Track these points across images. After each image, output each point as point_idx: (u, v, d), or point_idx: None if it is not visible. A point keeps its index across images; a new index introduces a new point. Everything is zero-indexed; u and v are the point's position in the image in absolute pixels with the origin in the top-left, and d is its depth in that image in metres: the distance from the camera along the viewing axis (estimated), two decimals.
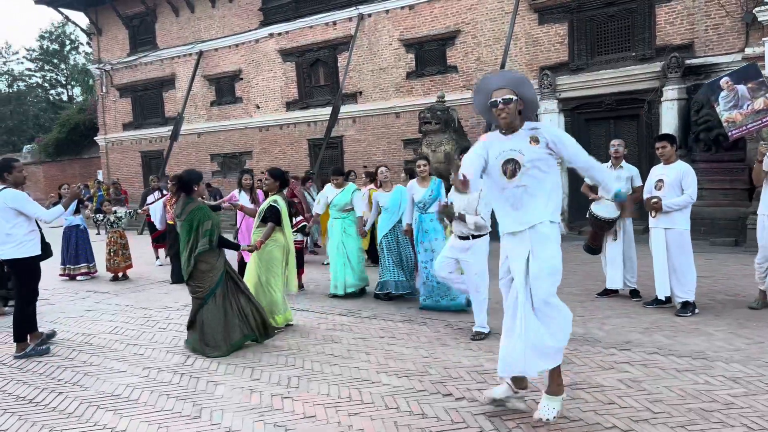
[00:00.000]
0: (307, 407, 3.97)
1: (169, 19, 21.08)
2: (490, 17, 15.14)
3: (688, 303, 5.91)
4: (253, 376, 4.65)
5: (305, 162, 18.61)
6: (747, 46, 11.96)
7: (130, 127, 22.85)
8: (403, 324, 6.05)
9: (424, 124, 13.57)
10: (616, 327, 5.58)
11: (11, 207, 5.34)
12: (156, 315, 7.03)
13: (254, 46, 19.31)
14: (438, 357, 4.90)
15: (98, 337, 6.14)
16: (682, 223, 5.91)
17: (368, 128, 17.45)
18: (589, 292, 7.11)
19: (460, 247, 5.41)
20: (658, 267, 6.03)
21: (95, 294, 8.62)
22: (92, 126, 25.65)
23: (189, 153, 21.30)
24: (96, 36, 23.17)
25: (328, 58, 18.04)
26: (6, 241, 5.37)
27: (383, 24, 16.80)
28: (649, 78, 12.93)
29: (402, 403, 3.96)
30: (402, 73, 16.67)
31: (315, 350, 5.28)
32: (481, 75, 15.17)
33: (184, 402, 4.18)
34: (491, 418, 3.65)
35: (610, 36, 13.70)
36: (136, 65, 22.12)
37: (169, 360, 5.20)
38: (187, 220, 5.34)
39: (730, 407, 3.64)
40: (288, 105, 18.93)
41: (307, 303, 7.27)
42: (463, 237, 5.39)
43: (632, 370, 4.37)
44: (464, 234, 5.36)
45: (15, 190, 5.43)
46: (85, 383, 4.69)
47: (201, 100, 20.79)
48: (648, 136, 12.98)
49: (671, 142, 6.06)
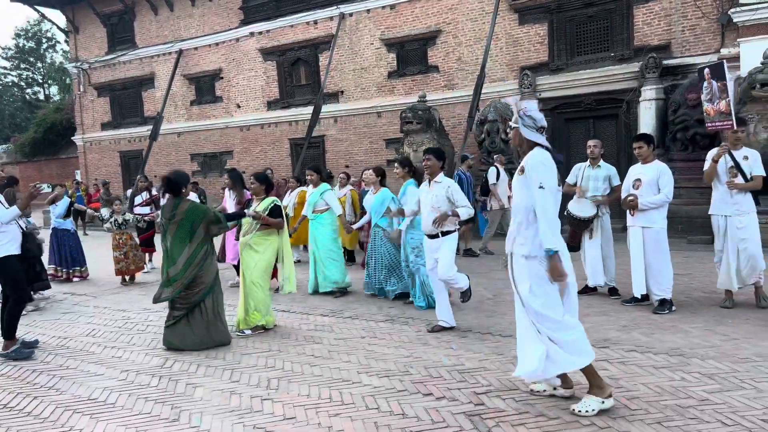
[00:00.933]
0: (288, 408, 3.95)
1: (148, 17, 20.85)
2: (470, 17, 15.20)
3: (665, 300, 5.99)
4: (232, 378, 4.62)
5: (287, 162, 18.54)
6: (723, 47, 12.16)
7: (108, 127, 22.56)
8: (384, 324, 6.05)
9: (406, 123, 13.60)
10: (594, 325, 5.63)
11: None
12: (135, 317, 6.95)
13: (234, 45, 19.18)
14: (419, 356, 4.91)
15: (75, 340, 6.05)
16: (658, 222, 5.99)
17: (350, 128, 17.42)
18: None
19: (433, 247, 5.55)
20: (636, 265, 6.11)
21: (72, 296, 8.49)
22: (69, 125, 25.32)
23: (169, 153, 21.09)
24: (73, 34, 22.85)
25: (309, 58, 17.98)
26: None
27: (364, 23, 16.78)
28: (627, 78, 13.09)
29: (383, 403, 3.96)
30: (383, 72, 16.67)
31: (295, 351, 5.25)
32: (462, 75, 15.27)
33: (163, 405, 4.14)
34: (471, 417, 3.66)
35: (589, 36, 13.84)
36: (114, 64, 21.84)
37: (148, 362, 5.14)
38: (186, 219, 5.30)
39: (705, 403, 3.70)
40: (269, 104, 18.83)
41: (288, 303, 7.24)
42: (432, 236, 5.53)
43: (611, 368, 4.42)
44: (433, 233, 5.49)
45: None
46: (61, 387, 4.62)
47: (181, 99, 20.60)
48: (627, 136, 13.14)
49: (648, 142, 6.14)
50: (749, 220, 5.94)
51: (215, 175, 19.73)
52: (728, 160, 5.97)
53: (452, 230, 5.53)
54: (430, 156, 5.58)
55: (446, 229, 5.47)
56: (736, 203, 5.95)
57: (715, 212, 6.13)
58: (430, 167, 5.57)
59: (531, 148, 3.80)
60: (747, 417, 3.47)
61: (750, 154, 6.00)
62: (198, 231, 5.36)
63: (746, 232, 5.91)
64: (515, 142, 3.99)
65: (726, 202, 6.01)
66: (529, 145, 3.81)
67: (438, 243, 5.49)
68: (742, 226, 5.92)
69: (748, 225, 5.93)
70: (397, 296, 7.10)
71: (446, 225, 5.43)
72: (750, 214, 5.95)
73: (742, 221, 5.92)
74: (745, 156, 5.99)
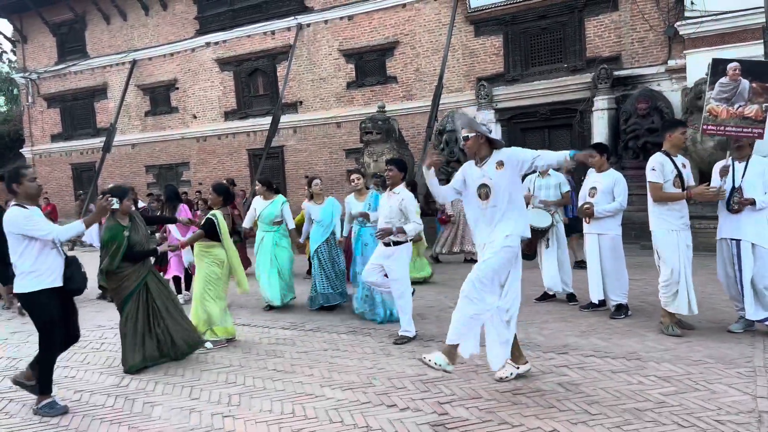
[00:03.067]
0: (250, 425, 3.88)
1: (100, 26, 20.39)
2: (427, 29, 15.38)
3: (622, 306, 6.14)
4: (192, 395, 4.51)
5: (245, 172, 18.33)
6: (670, 59, 12.61)
7: (59, 139, 21.91)
8: (347, 336, 6.02)
9: (366, 134, 13.64)
10: (554, 331, 5.72)
11: (13, 232, 4.21)
12: (88, 335, 6.72)
13: (190, 55, 18.92)
14: (382, 368, 4.89)
15: (25, 360, 5.78)
16: (613, 229, 6.13)
17: (309, 138, 17.36)
18: (528, 298, 7.26)
19: (384, 254, 5.66)
20: (592, 271, 6.24)
21: (23, 315, 8.15)
22: (18, 137, 24.45)
23: (123, 165, 20.60)
24: (21, 43, 22.14)
25: (267, 68, 17.87)
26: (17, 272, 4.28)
27: (322, 34, 16.78)
28: (580, 89, 13.44)
29: (346, 416, 3.93)
30: (342, 83, 16.69)
31: (257, 366, 5.17)
32: (420, 86, 15.42)
33: (119, 425, 4.00)
34: (435, 427, 3.66)
35: (543, 48, 14.17)
36: (64, 74, 21.26)
37: (103, 382, 4.98)
38: (103, 235, 5.21)
39: (662, 406, 3.79)
40: (226, 115, 18.61)
41: (249, 317, 7.13)
42: (386, 244, 5.64)
43: (570, 374, 4.49)
44: (387, 241, 5.60)
45: (18, 208, 4.22)
46: (11, 410, 4.43)
47: (135, 110, 20.17)
48: (581, 145, 13.45)
49: (600, 151, 6.27)
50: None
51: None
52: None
53: (403, 241, 5.62)
54: (392, 167, 5.74)
55: (397, 240, 5.59)
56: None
57: (656, 227, 5.48)
58: (392, 177, 5.73)
59: (491, 149, 4.25)
60: (702, 418, 3.58)
61: (686, 163, 5.56)
62: (106, 247, 5.21)
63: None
64: (472, 150, 4.27)
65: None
66: (488, 148, 4.26)
67: (390, 251, 5.62)
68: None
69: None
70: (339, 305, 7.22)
71: (398, 236, 5.56)
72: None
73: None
74: (683, 164, 5.48)
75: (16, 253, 4.21)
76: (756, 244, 5.17)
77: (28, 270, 4.20)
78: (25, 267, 4.20)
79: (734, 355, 4.68)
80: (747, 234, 5.18)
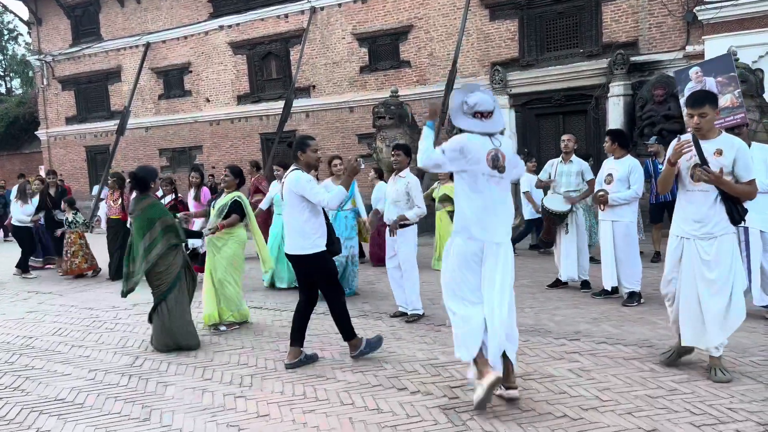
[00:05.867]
0: (261, 406, 3.91)
1: (114, 9, 20.38)
2: (442, 12, 15.22)
3: (634, 293, 6.10)
4: (204, 376, 4.55)
5: (257, 157, 18.30)
6: (688, 44, 12.41)
7: (73, 121, 22.02)
8: (358, 319, 6.03)
9: (378, 119, 13.58)
10: (566, 318, 5.71)
11: (294, 191, 4.57)
12: (103, 315, 6.81)
13: (204, 39, 18.88)
14: (393, 351, 4.91)
15: (41, 339, 5.90)
16: (628, 216, 6.08)
17: (322, 123, 17.32)
18: (540, 285, 7.25)
19: (392, 239, 5.92)
20: (605, 258, 6.20)
21: (38, 295, 8.29)
22: (33, 119, 24.61)
23: (137, 148, 20.69)
24: (36, 26, 22.20)
25: (280, 51, 17.80)
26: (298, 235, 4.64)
27: (336, 17, 16.68)
28: (596, 74, 13.27)
29: (357, 398, 3.95)
30: (355, 67, 16.60)
31: (269, 348, 5.21)
32: (434, 70, 15.30)
33: (133, 404, 4.06)
34: (446, 411, 3.67)
35: (558, 33, 13.99)
36: (79, 57, 21.30)
37: (117, 361, 5.04)
38: (142, 217, 5.20)
39: (674, 393, 3.77)
40: (239, 98, 18.61)
41: (261, 300, 7.17)
42: (392, 233, 5.88)
43: (582, 360, 4.48)
44: (393, 226, 5.83)
45: (300, 172, 4.60)
46: (27, 388, 4.50)
47: (149, 93, 20.21)
48: (596, 132, 13.34)
49: (613, 138, 6.19)
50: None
51: (184, 171, 19.41)
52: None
53: (409, 223, 5.84)
54: (399, 152, 5.95)
55: (403, 223, 5.81)
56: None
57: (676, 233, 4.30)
58: (399, 162, 5.95)
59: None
60: (714, 406, 3.56)
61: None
62: (154, 228, 5.23)
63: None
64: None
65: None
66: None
67: (398, 234, 5.84)
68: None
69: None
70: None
71: (404, 221, 5.81)
72: None
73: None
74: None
75: (295, 214, 4.59)
76: (764, 231, 5.19)
77: (311, 232, 4.58)
78: (306, 229, 4.58)
79: (748, 344, 4.65)
80: (754, 221, 5.14)
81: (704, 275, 3.93)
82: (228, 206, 5.92)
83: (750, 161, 3.89)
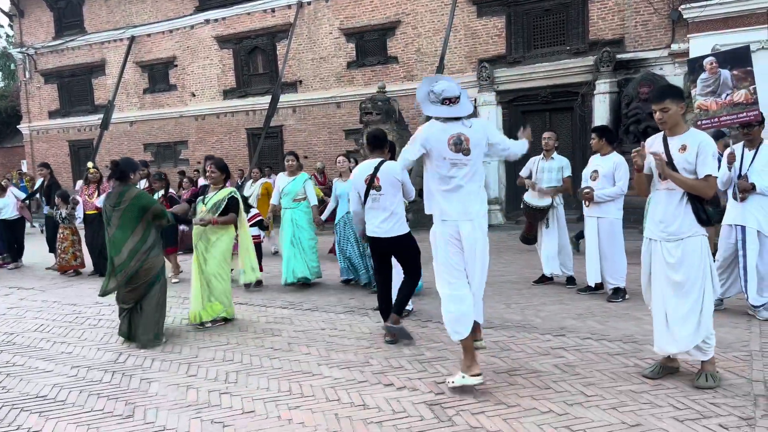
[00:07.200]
0: (246, 402, 3.88)
1: (98, 2, 20.14)
2: (429, 8, 15.21)
3: (619, 289, 6.14)
4: (189, 372, 4.51)
5: (243, 152, 18.25)
6: (673, 42, 12.51)
7: (56, 115, 21.75)
8: (344, 315, 6.02)
9: (366, 114, 13.56)
10: (551, 314, 5.73)
11: (395, 178, 5.03)
12: (86, 311, 6.73)
13: (189, 33, 18.72)
14: (380, 347, 4.90)
15: (22, 336, 5.82)
16: (613, 213, 6.12)
17: (309, 118, 17.26)
18: (527, 281, 7.28)
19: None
20: (590, 254, 6.24)
21: (19, 290, 8.18)
22: (15, 113, 24.28)
23: (121, 142, 20.49)
24: (18, 18, 21.88)
25: (266, 46, 17.70)
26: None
27: (323, 12, 16.60)
28: (582, 71, 13.33)
29: (343, 394, 3.94)
30: (342, 62, 16.55)
31: (254, 344, 5.17)
32: (421, 66, 15.28)
33: (116, 401, 4.01)
34: (432, 406, 3.67)
35: (545, 30, 14.04)
36: (62, 50, 21.04)
37: (100, 358, 4.99)
38: (132, 207, 5.13)
39: (658, 388, 3.80)
40: (225, 93, 18.48)
41: (246, 296, 7.13)
42: None
43: (567, 355, 4.50)
44: None
45: (393, 162, 5.14)
46: (8, 385, 4.43)
47: (133, 87, 20.01)
48: (581, 129, 13.41)
49: (599, 134, 6.24)
50: None
51: (169, 166, 19.26)
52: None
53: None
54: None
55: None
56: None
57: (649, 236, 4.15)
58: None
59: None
60: (698, 401, 3.59)
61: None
62: (144, 219, 5.20)
63: None
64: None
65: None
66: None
67: None
68: None
69: None
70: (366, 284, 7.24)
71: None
72: None
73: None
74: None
75: (392, 199, 5.02)
76: (761, 232, 5.20)
77: (402, 214, 5.07)
78: (399, 211, 5.04)
79: (731, 339, 4.69)
80: (751, 221, 5.20)
81: (670, 277, 3.82)
82: (225, 202, 5.83)
83: (710, 157, 3.66)
